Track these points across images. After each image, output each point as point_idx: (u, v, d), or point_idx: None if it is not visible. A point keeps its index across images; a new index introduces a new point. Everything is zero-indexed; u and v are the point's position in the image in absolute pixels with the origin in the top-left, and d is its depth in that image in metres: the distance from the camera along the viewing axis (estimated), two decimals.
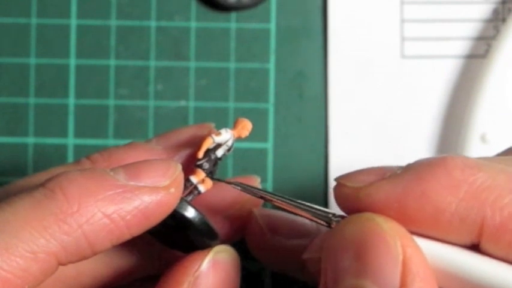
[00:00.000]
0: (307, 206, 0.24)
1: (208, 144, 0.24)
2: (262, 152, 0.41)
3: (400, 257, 0.19)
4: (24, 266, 0.19)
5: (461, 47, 0.41)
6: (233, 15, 0.41)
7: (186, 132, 0.25)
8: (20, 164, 0.41)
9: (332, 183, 0.41)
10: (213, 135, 0.24)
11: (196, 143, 0.24)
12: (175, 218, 0.22)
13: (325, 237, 0.22)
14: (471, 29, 0.41)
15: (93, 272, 0.24)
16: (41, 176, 0.24)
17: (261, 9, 0.41)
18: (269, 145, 0.41)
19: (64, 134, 0.41)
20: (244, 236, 0.28)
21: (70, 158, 0.41)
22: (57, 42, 0.41)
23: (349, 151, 0.41)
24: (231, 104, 0.41)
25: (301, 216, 0.24)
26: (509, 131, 0.39)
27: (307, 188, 0.41)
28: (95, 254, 0.21)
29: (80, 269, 0.24)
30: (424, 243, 0.21)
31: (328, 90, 0.41)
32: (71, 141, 0.41)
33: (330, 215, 0.23)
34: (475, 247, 0.21)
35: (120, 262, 0.25)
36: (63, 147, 0.41)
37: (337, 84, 0.41)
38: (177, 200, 0.22)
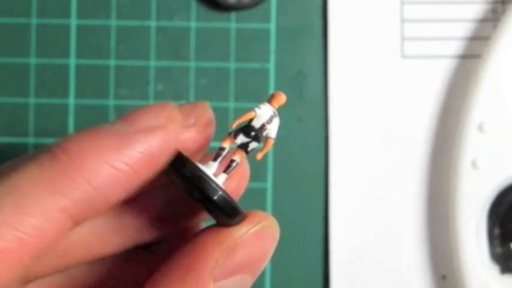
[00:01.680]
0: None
1: (249, 116, 0.23)
2: None
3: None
4: (37, 225, 0.19)
5: (461, 47, 0.41)
6: (233, 15, 0.41)
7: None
8: None
9: (332, 183, 0.41)
10: (256, 108, 0.24)
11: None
12: (201, 191, 0.22)
13: None
14: (471, 29, 0.41)
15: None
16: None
17: (261, 9, 0.41)
18: None
19: (64, 134, 0.41)
20: None
21: None
22: (57, 42, 0.41)
23: (349, 151, 0.41)
24: (231, 104, 0.41)
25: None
26: (507, 123, 0.39)
27: (307, 188, 0.41)
28: (109, 205, 0.21)
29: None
30: None
31: (328, 90, 0.41)
32: None
33: None
34: None
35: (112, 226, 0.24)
36: None
37: (337, 84, 0.41)
38: (176, 135, 0.22)
